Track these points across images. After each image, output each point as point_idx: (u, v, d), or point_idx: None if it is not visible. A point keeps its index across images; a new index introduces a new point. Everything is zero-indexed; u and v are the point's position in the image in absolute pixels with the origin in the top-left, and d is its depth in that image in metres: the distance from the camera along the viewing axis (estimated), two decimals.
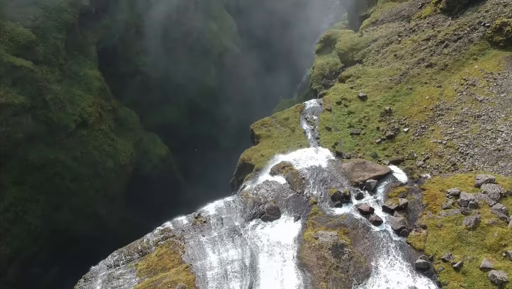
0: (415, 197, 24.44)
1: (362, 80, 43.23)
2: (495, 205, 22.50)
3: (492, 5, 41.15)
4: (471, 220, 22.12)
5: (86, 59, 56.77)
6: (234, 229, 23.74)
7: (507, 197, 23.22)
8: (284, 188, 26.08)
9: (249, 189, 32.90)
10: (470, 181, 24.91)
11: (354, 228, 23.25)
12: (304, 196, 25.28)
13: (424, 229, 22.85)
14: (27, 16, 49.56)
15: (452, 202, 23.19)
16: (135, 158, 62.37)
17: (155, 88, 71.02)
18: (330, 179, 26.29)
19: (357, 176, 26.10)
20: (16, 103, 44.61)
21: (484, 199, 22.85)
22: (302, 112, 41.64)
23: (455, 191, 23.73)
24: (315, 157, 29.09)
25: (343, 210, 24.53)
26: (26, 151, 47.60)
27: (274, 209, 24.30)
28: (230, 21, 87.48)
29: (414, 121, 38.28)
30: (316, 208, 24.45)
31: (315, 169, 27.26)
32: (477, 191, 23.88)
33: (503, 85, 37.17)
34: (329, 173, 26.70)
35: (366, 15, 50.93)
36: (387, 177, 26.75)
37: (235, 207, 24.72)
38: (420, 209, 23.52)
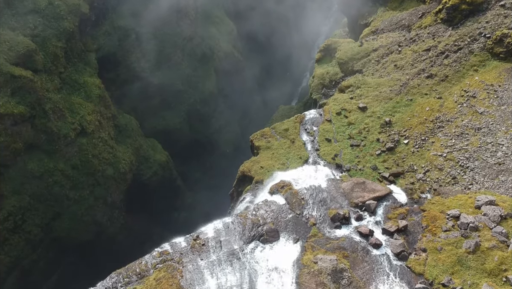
0: (415, 218, 24.30)
1: (362, 90, 43.11)
2: (495, 228, 22.38)
3: (492, 16, 41.04)
4: (471, 244, 22.00)
5: (86, 66, 56.63)
6: (232, 252, 23.60)
7: (507, 219, 23.11)
8: (283, 208, 25.94)
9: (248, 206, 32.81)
10: (470, 202, 24.78)
11: (354, 251, 23.12)
12: (304, 217, 25.15)
13: (424, 252, 22.72)
14: (27, 25, 49.40)
15: (452, 224, 23.06)
16: (135, 164, 62.32)
17: (155, 94, 70.90)
18: (330, 199, 26.16)
19: (357, 197, 25.96)
20: (15, 113, 44.49)
21: (484, 221, 22.72)
22: (302, 123, 41.53)
23: (455, 212, 23.59)
24: (314, 176, 28.94)
25: (342, 232, 24.39)
26: (25, 160, 47.53)
27: (273, 231, 24.17)
28: (230, 26, 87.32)
29: (414, 133, 38.17)
30: (316, 229, 24.33)
31: (315, 189, 27.12)
32: (477, 212, 23.74)
33: (503, 97, 37.07)
34: (328, 193, 26.56)
35: (366, 24, 50.81)
36: (387, 198, 26.60)
37: (233, 228, 24.55)
38: (420, 231, 23.40)
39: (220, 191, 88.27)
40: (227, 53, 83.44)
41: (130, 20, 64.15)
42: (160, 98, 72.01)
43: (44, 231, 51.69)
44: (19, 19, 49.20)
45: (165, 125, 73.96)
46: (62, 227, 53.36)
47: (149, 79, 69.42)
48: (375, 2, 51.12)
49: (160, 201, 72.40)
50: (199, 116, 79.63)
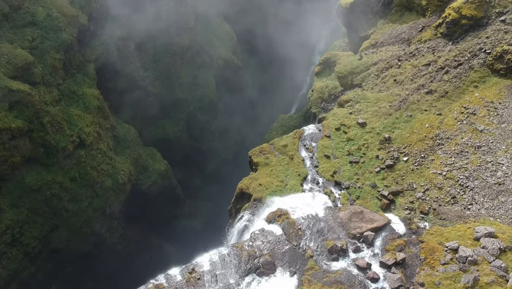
0: (413, 250, 24.03)
1: (362, 105, 42.87)
2: (494, 262, 22.12)
3: (493, 31, 40.75)
4: (469, 278, 21.71)
5: (85, 77, 56.45)
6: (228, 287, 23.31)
7: (507, 252, 22.85)
8: (280, 239, 25.67)
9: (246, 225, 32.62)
10: (469, 233, 24.53)
11: (351, 285, 22.81)
12: (301, 248, 24.90)
13: (422, 287, 22.41)
14: (25, 37, 49.22)
15: (450, 257, 22.80)
16: (134, 175, 62.16)
17: (154, 103, 70.75)
18: (327, 229, 25.91)
19: (355, 227, 25.72)
20: (13, 128, 44.32)
21: (483, 254, 22.46)
22: (301, 138, 41.31)
23: (453, 245, 23.33)
24: (311, 204, 28.69)
25: (340, 265, 24.11)
26: (23, 173, 47.38)
27: (269, 263, 23.91)
28: (229, 32, 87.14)
29: (414, 150, 37.91)
30: (313, 262, 24.07)
31: (312, 218, 26.87)
32: (476, 245, 23.48)
33: (503, 115, 36.80)
34: (326, 223, 26.32)
35: (366, 36, 50.52)
36: (385, 228, 26.33)
37: (229, 261, 24.27)
38: (418, 264, 23.14)
39: (220, 198, 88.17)
40: (227, 60, 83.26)
41: (129, 29, 63.96)
42: (159, 107, 71.86)
43: (42, 243, 51.54)
44: (17, 31, 49.04)
45: (165, 134, 73.85)
46: (60, 239, 53.26)
47: (148, 88, 69.31)
48: (374, 15, 50.85)
49: (160, 210, 72.29)
50: (198, 124, 79.52)
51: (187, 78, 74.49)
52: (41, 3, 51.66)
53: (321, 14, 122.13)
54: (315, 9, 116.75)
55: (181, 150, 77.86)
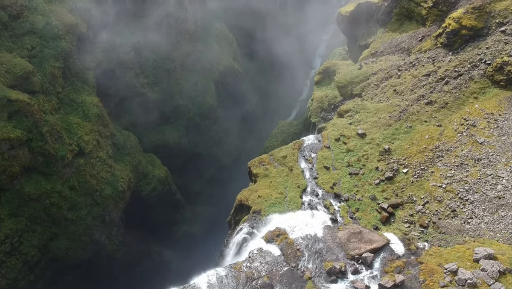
0: (412, 272, 23.83)
1: (361, 116, 42.73)
2: (494, 284, 21.90)
3: (493, 42, 40.62)
4: None
5: (84, 85, 56.32)
6: None
7: (506, 275, 22.66)
8: (279, 260, 25.48)
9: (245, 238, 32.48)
10: (468, 254, 24.34)
11: None
12: (299, 270, 24.70)
13: None
14: (24, 46, 49.10)
15: (449, 280, 22.60)
16: (133, 182, 62.00)
17: (154, 109, 70.64)
18: (326, 250, 25.73)
19: (353, 248, 25.54)
20: (12, 138, 44.19)
21: (482, 277, 22.27)
22: (300, 149, 41.19)
23: (453, 267, 23.13)
24: (310, 223, 28.50)
25: (338, 287, 23.87)
26: (22, 183, 47.24)
27: (267, 285, 23.69)
28: (230, 38, 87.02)
29: (414, 162, 37.77)
30: (311, 284, 23.87)
31: (310, 239, 26.68)
32: (475, 267, 23.29)
33: (503, 127, 36.64)
34: (324, 243, 26.14)
35: (366, 45, 50.39)
36: (384, 249, 26.14)
37: (227, 283, 24.05)
38: (417, 286, 22.93)
39: (220, 203, 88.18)
40: (227, 66, 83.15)
41: (129, 37, 63.83)
42: (159, 113, 71.76)
43: (41, 251, 51.41)
44: (16, 40, 48.92)
45: (164, 140, 73.71)
46: (59, 247, 53.07)
47: (148, 94, 69.21)
48: (374, 23, 50.71)
49: (159, 216, 72.15)
50: (198, 130, 79.39)
51: (187, 84, 74.35)
52: (41, 11, 51.56)
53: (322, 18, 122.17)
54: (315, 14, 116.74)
55: (181, 155, 77.72)
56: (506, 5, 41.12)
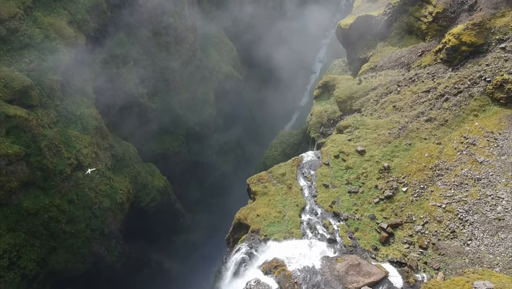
0: None
1: (361, 132, 42.53)
2: None
3: (493, 58, 40.41)
4: None
5: (83, 97, 56.09)
6: None
7: None
8: None
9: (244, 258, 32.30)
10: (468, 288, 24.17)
11: None
12: None
13: None
14: (22, 60, 48.87)
15: None
16: (132, 193, 61.80)
17: (153, 119, 70.47)
18: (324, 283, 25.54)
19: (352, 281, 25.37)
20: (10, 153, 44.02)
21: None
22: (299, 166, 41.00)
23: None
24: (308, 254, 28.30)
25: None
26: (20, 197, 47.06)
27: None
28: (229, 46, 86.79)
29: (413, 180, 37.58)
30: None
31: (308, 271, 26.50)
32: None
33: (503, 146, 36.45)
34: (322, 276, 25.96)
35: (365, 58, 50.17)
36: (382, 282, 25.96)
37: None
38: None
39: (220, 210, 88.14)
40: (227, 74, 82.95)
41: (128, 47, 63.64)
42: (158, 123, 71.58)
43: (40, 265, 51.20)
44: (14, 54, 48.70)
45: (164, 149, 73.53)
46: (58, 261, 52.87)
47: (147, 104, 69.02)
48: (374, 36, 50.48)
49: (159, 226, 72.02)
50: (198, 138, 79.22)
51: (186, 93, 74.20)
52: (39, 24, 51.32)
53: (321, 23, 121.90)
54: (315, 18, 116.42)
55: (181, 164, 77.56)
56: (506, 21, 40.92)
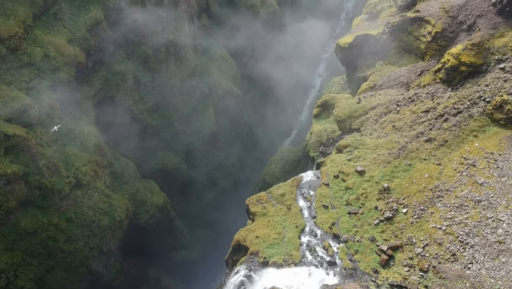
0: None
1: (360, 152, 42.41)
2: None
3: (492, 79, 40.43)
4: None
5: (82, 115, 56.13)
6: None
7: None
8: None
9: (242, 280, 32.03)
10: None
11: None
12: None
13: None
14: (22, 78, 48.94)
15: None
16: (131, 210, 61.55)
17: (153, 135, 70.45)
18: None
19: None
20: (8, 173, 43.90)
21: None
22: (299, 186, 40.83)
23: None
24: (307, 283, 28.07)
25: None
26: (18, 217, 46.87)
27: None
28: (229, 62, 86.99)
29: (413, 201, 37.38)
30: None
31: None
32: None
33: (504, 168, 36.31)
34: None
35: (364, 77, 50.24)
36: None
37: None
38: None
39: (219, 226, 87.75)
40: (227, 90, 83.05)
41: (128, 64, 63.78)
42: (158, 139, 71.54)
43: (37, 284, 50.87)
44: (14, 73, 48.80)
45: (163, 165, 73.35)
46: (56, 279, 52.53)
47: (147, 120, 69.03)
48: (373, 55, 50.59)
49: (157, 242, 71.66)
50: (197, 154, 79.07)
51: (186, 110, 74.24)
52: (39, 43, 51.49)
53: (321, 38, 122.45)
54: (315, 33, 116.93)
55: (180, 180, 77.36)
56: (505, 41, 41.04)
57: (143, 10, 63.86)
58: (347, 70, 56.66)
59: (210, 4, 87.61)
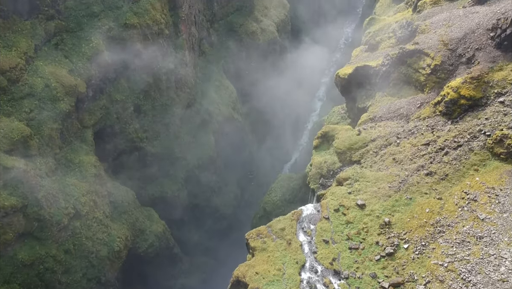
0: None
1: (361, 184, 42.19)
2: None
3: (492, 112, 40.40)
4: None
5: (82, 144, 56.16)
6: None
7: None
8: None
9: None
10: None
11: None
12: None
13: None
14: (22, 109, 49.11)
15: None
16: (130, 240, 61.06)
17: (152, 162, 70.38)
18: None
19: None
20: (6, 206, 43.70)
21: None
22: (299, 220, 40.50)
23: None
24: None
25: None
26: (16, 249, 46.51)
27: None
28: (230, 88, 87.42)
29: (414, 236, 37.02)
30: None
31: None
32: None
33: (505, 204, 36.04)
34: None
35: (364, 108, 50.30)
36: None
37: None
38: None
39: (218, 253, 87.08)
40: (227, 116, 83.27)
41: (128, 92, 64.01)
42: (157, 166, 71.45)
43: None
44: (14, 104, 48.95)
45: (163, 192, 73.12)
46: None
47: (147, 148, 69.01)
48: (372, 86, 50.75)
49: (157, 271, 71.00)
50: (197, 181, 78.89)
51: (186, 137, 74.29)
52: (40, 74, 51.76)
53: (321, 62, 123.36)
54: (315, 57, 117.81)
55: (180, 207, 77.04)
56: (504, 75, 41.15)
57: (144, 40, 64.35)
58: (346, 100, 56.78)
59: (211, 32, 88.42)
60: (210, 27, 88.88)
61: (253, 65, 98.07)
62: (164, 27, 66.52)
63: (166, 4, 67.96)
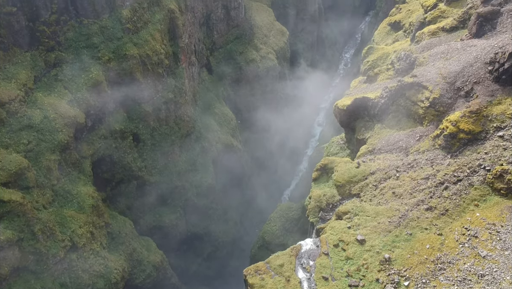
0: None
1: (360, 219, 41.78)
2: None
3: (491, 146, 40.25)
4: None
5: (80, 174, 55.86)
6: None
7: None
8: None
9: None
10: None
11: None
12: None
13: None
14: (20, 141, 48.97)
15: None
16: (127, 271, 60.23)
17: (151, 191, 69.94)
18: None
19: None
20: (2, 240, 43.19)
21: None
22: (298, 256, 39.96)
23: None
24: None
25: None
26: (10, 283, 45.76)
27: None
28: (229, 115, 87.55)
29: (415, 274, 36.46)
30: None
31: None
32: None
33: (506, 241, 35.61)
34: None
35: (363, 140, 50.18)
36: None
37: None
38: None
39: (217, 282, 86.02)
40: (226, 144, 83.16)
41: (127, 122, 64.01)
42: (156, 195, 70.97)
43: None
44: (12, 135, 48.84)
45: (161, 221, 72.52)
46: None
47: (146, 177, 68.66)
48: (371, 118, 50.72)
49: None
50: (196, 209, 78.32)
51: (185, 165, 74.02)
52: (39, 105, 51.79)
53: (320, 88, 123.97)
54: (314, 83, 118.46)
55: (178, 236, 76.38)
56: (503, 109, 41.14)
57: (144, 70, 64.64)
58: (345, 131, 56.70)
59: (211, 60, 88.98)
60: (210, 55, 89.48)
61: (252, 92, 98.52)
62: (164, 57, 66.87)
63: (166, 35, 68.47)
